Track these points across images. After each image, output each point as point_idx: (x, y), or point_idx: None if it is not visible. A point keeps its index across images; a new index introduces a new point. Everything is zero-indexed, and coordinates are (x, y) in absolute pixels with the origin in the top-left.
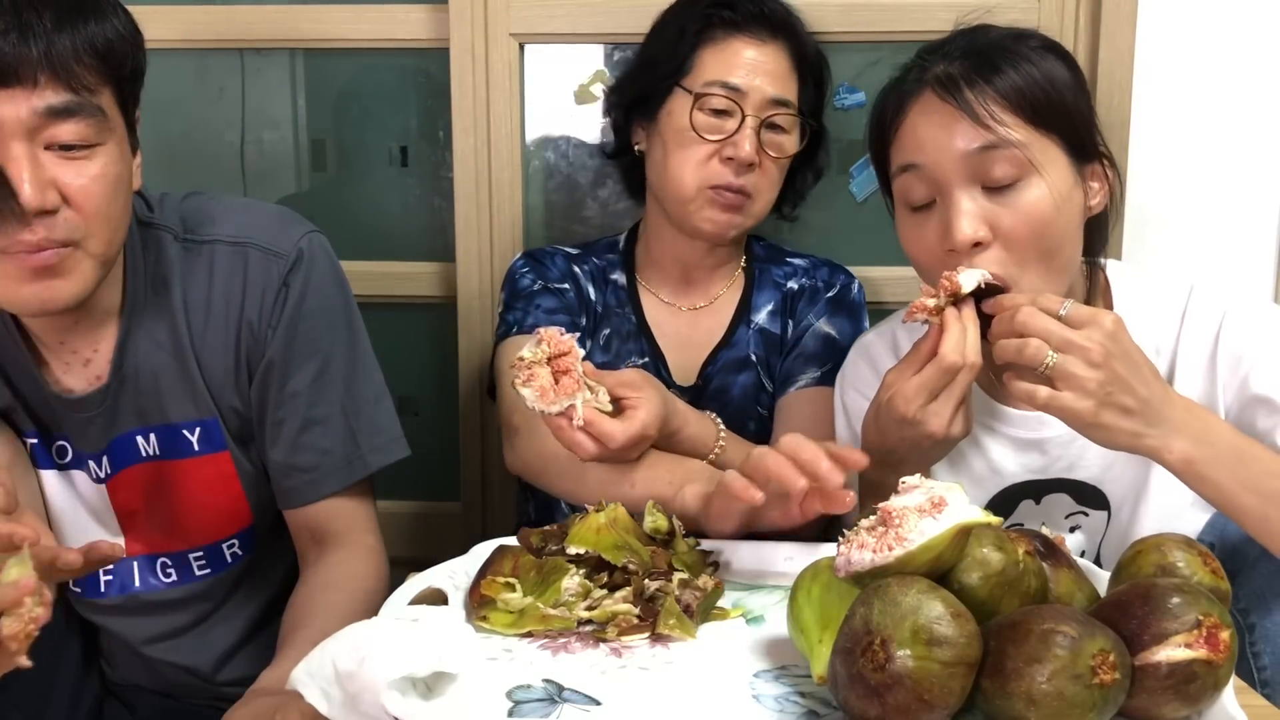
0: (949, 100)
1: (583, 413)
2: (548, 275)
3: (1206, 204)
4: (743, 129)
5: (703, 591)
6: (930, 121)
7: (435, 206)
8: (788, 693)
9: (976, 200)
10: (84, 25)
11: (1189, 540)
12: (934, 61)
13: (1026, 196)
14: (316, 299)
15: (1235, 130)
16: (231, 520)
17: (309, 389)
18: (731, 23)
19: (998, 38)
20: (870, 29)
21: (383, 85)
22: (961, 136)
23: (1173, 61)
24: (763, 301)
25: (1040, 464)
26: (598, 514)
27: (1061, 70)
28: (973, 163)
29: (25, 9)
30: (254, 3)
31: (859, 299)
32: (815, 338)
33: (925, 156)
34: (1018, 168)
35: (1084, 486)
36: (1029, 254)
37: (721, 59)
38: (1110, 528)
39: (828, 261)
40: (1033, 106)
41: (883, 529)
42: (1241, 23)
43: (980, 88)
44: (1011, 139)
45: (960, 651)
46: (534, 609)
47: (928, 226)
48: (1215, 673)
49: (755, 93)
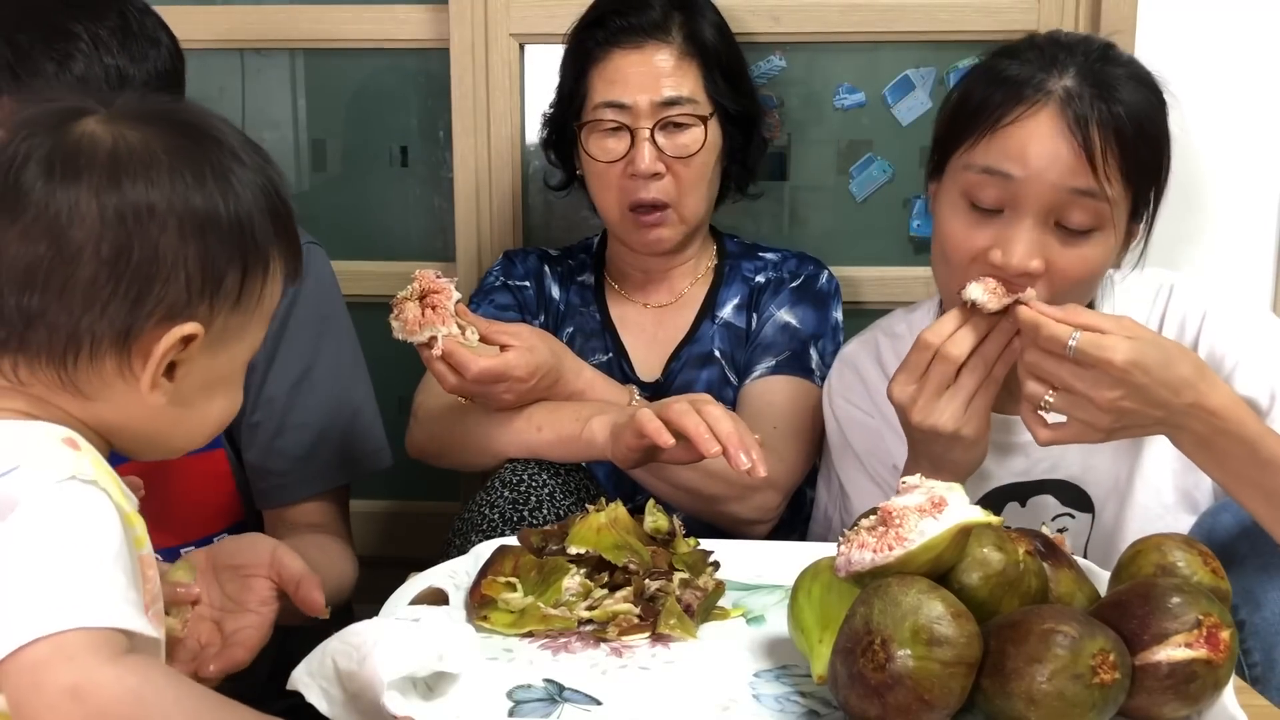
0: (1073, 130)
1: (443, 343)
2: (513, 273)
3: (1206, 204)
4: (636, 143)
5: (704, 591)
6: (1044, 142)
7: (435, 206)
8: (788, 692)
9: (1045, 231)
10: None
11: (1189, 540)
12: (1063, 71)
13: (1091, 248)
14: (305, 309)
15: (1235, 130)
16: (223, 515)
17: (287, 395)
18: (605, 41)
19: (1126, 70)
20: (870, 29)
21: (383, 85)
22: (1068, 173)
23: (1173, 61)
24: (729, 296)
25: (1023, 466)
26: (598, 514)
27: (1167, 128)
28: (1064, 199)
29: None
30: (254, 3)
31: (827, 288)
32: (775, 326)
33: (1023, 171)
34: (1098, 221)
35: (1067, 486)
36: (1069, 295)
37: (604, 78)
38: (1095, 529)
39: (800, 254)
40: (1137, 163)
41: (883, 529)
42: (1241, 23)
43: (1104, 131)
44: (1109, 193)
45: (960, 651)
46: (534, 609)
47: (982, 229)
48: (1215, 672)
49: (640, 102)
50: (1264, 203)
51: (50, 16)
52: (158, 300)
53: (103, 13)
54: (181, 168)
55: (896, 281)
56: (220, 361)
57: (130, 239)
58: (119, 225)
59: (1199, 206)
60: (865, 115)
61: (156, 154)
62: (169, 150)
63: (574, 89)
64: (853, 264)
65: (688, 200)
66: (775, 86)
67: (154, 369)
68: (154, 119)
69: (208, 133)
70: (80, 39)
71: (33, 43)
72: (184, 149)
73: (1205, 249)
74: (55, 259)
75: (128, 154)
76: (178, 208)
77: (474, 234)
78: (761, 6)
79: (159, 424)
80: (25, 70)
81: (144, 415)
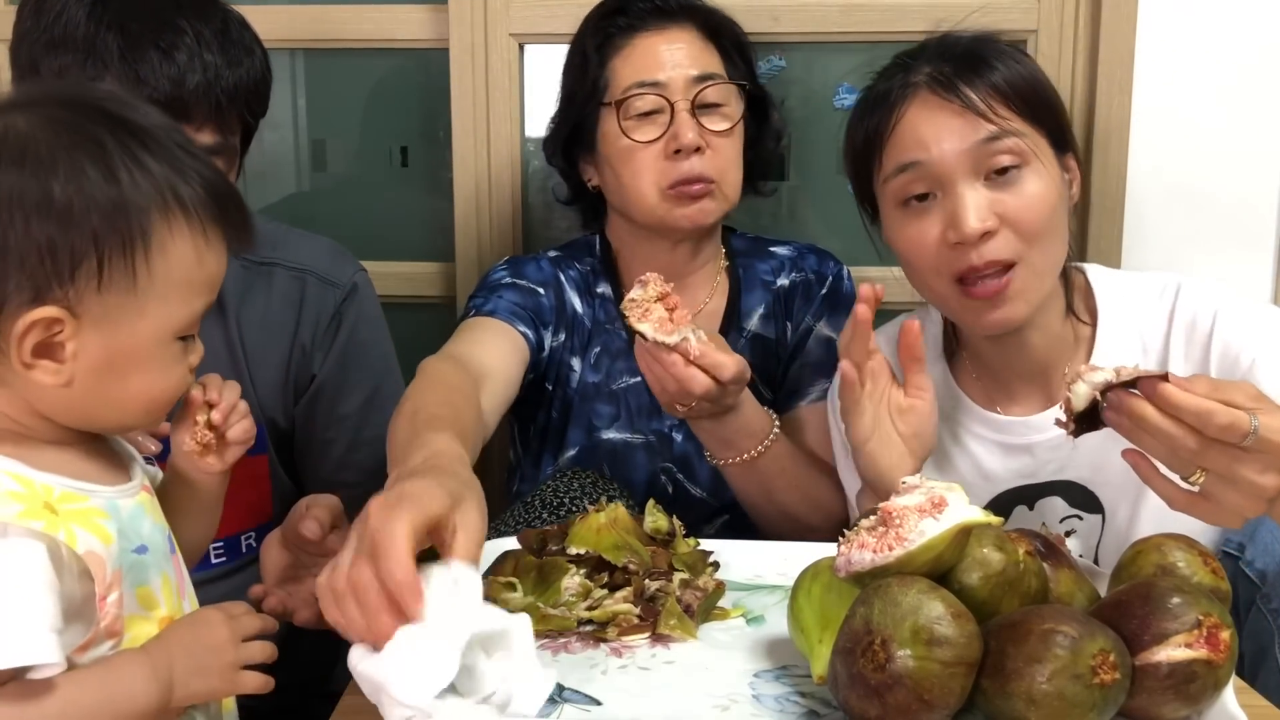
0: (948, 96)
1: (697, 345)
2: (525, 274)
3: (1206, 203)
4: (676, 117)
5: (703, 591)
6: (931, 118)
7: (435, 206)
8: (788, 693)
9: (980, 191)
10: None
11: (1189, 540)
12: (918, 65)
13: (1028, 184)
14: (368, 329)
15: (1235, 130)
16: (253, 515)
17: (359, 411)
18: (629, 26)
19: (972, 41)
20: (870, 29)
21: (383, 85)
22: (964, 130)
23: (1173, 61)
24: (753, 304)
25: (1031, 467)
26: (598, 514)
27: (1036, 67)
28: (976, 155)
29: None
30: (254, 3)
31: (850, 289)
32: (818, 343)
33: (928, 153)
34: (1019, 157)
35: (1075, 488)
36: (1035, 236)
37: (632, 62)
38: (1106, 531)
39: (812, 248)
40: (1024, 99)
41: (883, 529)
42: (1241, 22)
43: (976, 83)
44: (1012, 129)
45: (960, 651)
46: (534, 609)
47: (927, 223)
48: (1215, 673)
49: (675, 79)
50: (1264, 203)
51: (161, 11)
52: (14, 285)
53: (209, 16)
54: (48, 157)
55: (896, 282)
56: (119, 340)
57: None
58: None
59: (1199, 206)
60: None
61: (28, 144)
62: (41, 140)
63: (596, 79)
64: (852, 264)
65: (728, 177)
66: (775, 86)
67: (16, 350)
68: (54, 104)
69: (103, 119)
70: (186, 34)
71: (143, 31)
72: (63, 138)
73: (1205, 249)
74: None
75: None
76: (19, 197)
77: (474, 234)
78: (761, 6)
79: (77, 403)
80: (133, 56)
81: (55, 396)
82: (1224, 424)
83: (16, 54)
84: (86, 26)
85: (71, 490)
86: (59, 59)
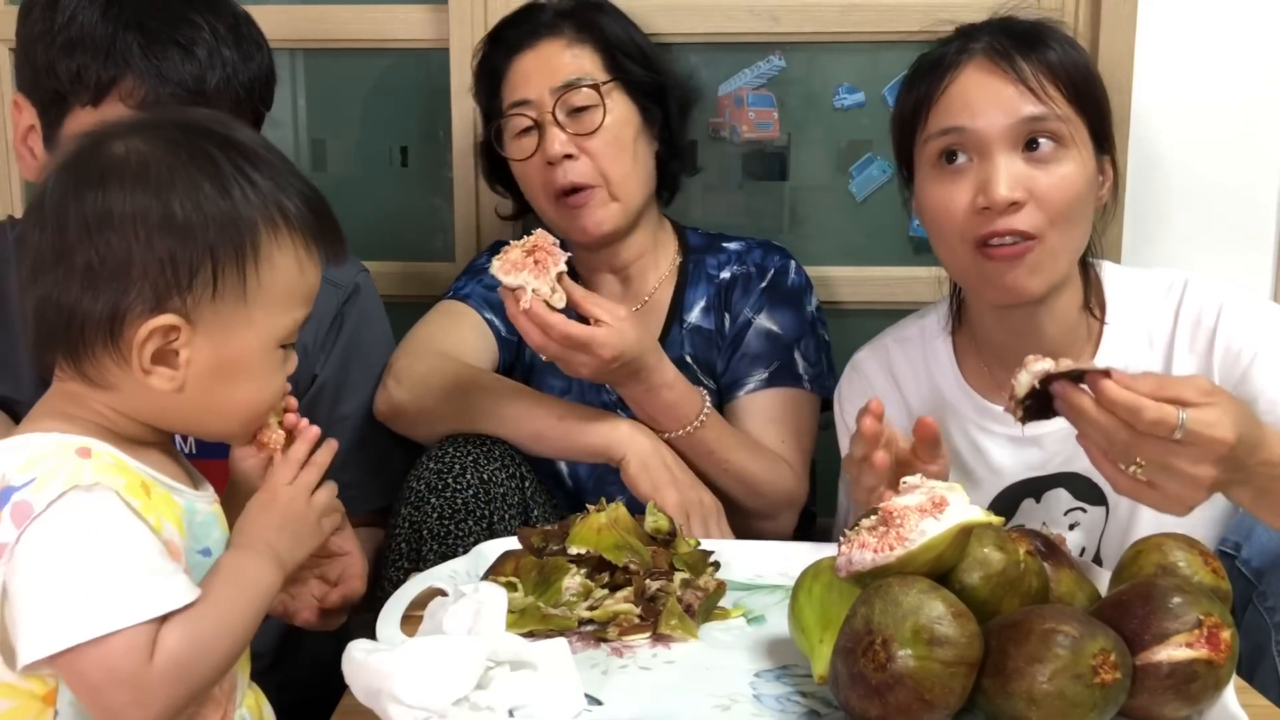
0: (1003, 68)
1: (530, 300)
2: None
3: (1206, 202)
4: (544, 132)
5: (704, 591)
6: (983, 86)
7: (435, 206)
8: (789, 692)
9: (1016, 163)
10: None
11: (1190, 540)
12: (979, 36)
13: (1063, 167)
14: (369, 329)
15: (1235, 129)
16: None
17: (360, 411)
18: (506, 52)
19: (1033, 22)
20: (870, 29)
21: (383, 85)
22: (1012, 103)
23: (1173, 61)
24: (695, 298)
25: (1039, 459)
26: (599, 514)
27: (1090, 60)
28: (1020, 129)
29: None
30: (254, 3)
31: (798, 282)
32: (758, 336)
33: (974, 120)
34: (1058, 138)
35: (1081, 480)
36: (1059, 216)
37: (509, 84)
38: (1110, 524)
39: (764, 243)
40: (1074, 84)
41: (884, 529)
42: (1241, 22)
43: (1031, 59)
44: (1058, 112)
45: (961, 651)
46: (535, 609)
47: (959, 186)
48: (1216, 672)
49: (541, 92)
50: (1264, 200)
51: (177, 8)
52: (136, 295)
53: (221, 11)
54: (168, 176)
55: (896, 281)
56: (230, 349)
57: (103, 241)
58: (98, 230)
59: (1199, 206)
60: (865, 115)
61: (149, 164)
62: (161, 160)
63: (489, 108)
64: (853, 264)
65: (613, 176)
66: (775, 86)
67: (137, 356)
68: (170, 127)
69: (214, 139)
70: (203, 29)
71: (161, 29)
72: (179, 158)
73: (1205, 246)
74: (56, 259)
75: (121, 164)
76: (144, 214)
77: (474, 234)
78: (761, 6)
79: (181, 409)
80: (153, 53)
81: (162, 402)
82: (1152, 419)
83: (30, 56)
84: (103, 26)
85: (161, 484)
86: (77, 59)
